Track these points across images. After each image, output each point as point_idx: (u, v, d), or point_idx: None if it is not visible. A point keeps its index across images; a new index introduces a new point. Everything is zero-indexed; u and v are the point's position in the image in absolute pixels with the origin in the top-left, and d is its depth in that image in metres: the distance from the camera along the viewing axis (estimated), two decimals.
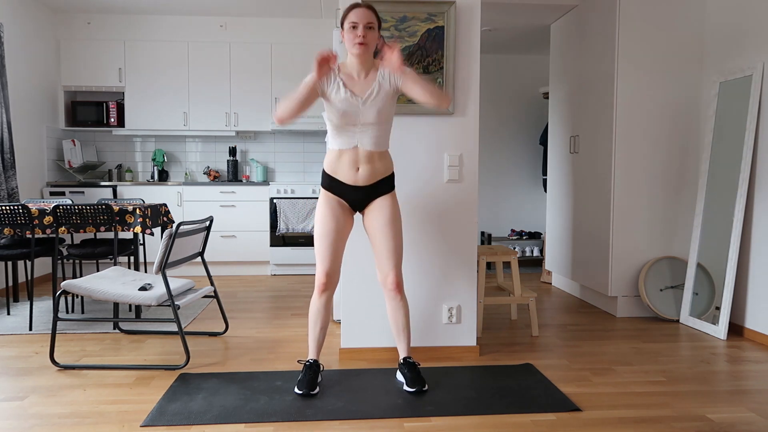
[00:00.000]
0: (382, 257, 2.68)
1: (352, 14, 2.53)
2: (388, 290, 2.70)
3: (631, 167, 4.05)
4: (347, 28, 2.54)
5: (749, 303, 3.59)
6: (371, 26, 2.53)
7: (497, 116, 6.61)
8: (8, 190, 4.79)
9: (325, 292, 2.68)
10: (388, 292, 2.70)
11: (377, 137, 2.61)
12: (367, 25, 2.51)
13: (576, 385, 2.74)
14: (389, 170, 2.68)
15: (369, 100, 2.57)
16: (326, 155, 2.67)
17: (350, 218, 2.71)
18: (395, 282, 2.68)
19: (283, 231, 5.70)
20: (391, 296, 2.71)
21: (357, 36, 2.50)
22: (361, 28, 2.50)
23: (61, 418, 2.36)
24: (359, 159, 2.59)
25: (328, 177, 2.65)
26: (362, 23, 2.50)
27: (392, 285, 2.68)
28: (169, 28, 5.92)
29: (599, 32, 4.23)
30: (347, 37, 2.55)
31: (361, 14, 2.51)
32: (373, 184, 2.64)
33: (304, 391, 2.58)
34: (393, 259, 2.67)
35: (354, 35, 2.52)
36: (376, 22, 2.56)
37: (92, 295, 2.99)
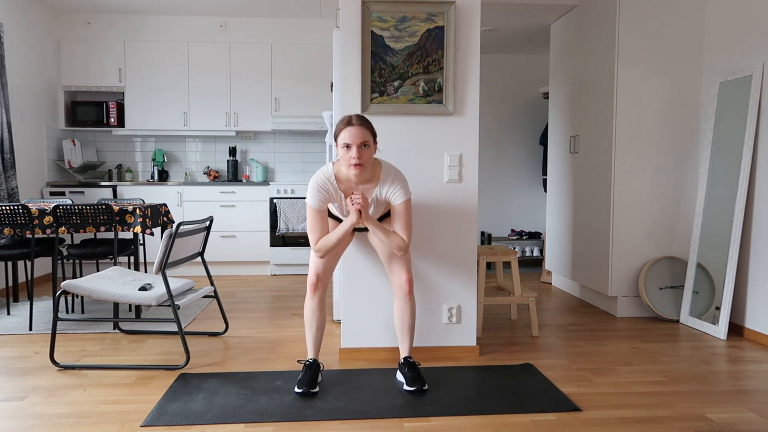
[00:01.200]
0: (396, 265, 2.73)
1: (345, 133, 2.47)
2: (402, 292, 2.73)
3: (631, 167, 4.05)
4: (341, 147, 2.50)
5: (749, 303, 3.59)
6: (367, 144, 2.48)
7: (497, 116, 6.61)
8: (8, 190, 4.79)
9: (316, 291, 2.72)
10: (402, 294, 2.74)
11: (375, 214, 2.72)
12: (361, 145, 2.46)
13: (576, 385, 2.74)
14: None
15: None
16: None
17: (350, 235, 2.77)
18: (410, 282, 2.72)
19: (283, 231, 5.70)
20: (401, 296, 2.74)
21: (352, 158, 2.46)
22: (355, 150, 2.45)
23: (61, 418, 2.36)
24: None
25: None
26: (356, 144, 2.45)
27: (408, 287, 2.72)
28: (169, 28, 5.92)
29: (599, 32, 4.23)
30: (341, 155, 2.51)
31: (355, 134, 2.45)
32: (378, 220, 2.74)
33: (304, 389, 2.58)
34: (406, 264, 2.73)
35: (349, 156, 2.47)
36: (372, 137, 2.51)
37: (92, 295, 2.99)
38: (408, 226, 2.62)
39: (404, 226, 2.62)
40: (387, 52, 3.02)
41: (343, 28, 3.01)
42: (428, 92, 3.06)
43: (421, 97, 3.06)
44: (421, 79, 3.05)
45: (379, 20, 3.00)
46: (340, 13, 3.04)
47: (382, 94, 3.04)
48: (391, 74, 3.03)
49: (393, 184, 2.60)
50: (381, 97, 3.04)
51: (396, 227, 2.63)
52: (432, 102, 3.06)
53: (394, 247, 2.60)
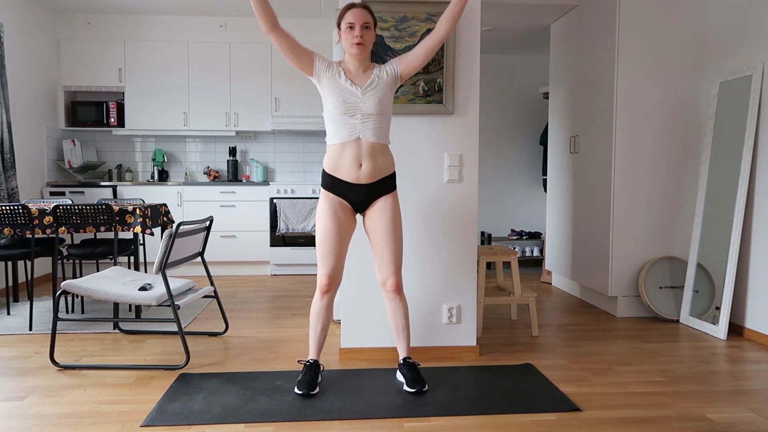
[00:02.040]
0: (383, 260, 2.68)
1: (349, 15, 2.55)
2: (388, 292, 2.70)
3: (631, 167, 4.05)
4: (344, 29, 2.57)
5: (749, 303, 3.59)
6: (368, 26, 2.56)
7: (497, 116, 6.61)
8: (8, 190, 4.79)
9: (327, 293, 2.67)
10: (388, 294, 2.71)
11: (379, 128, 2.60)
12: (363, 25, 2.54)
13: (576, 385, 2.74)
14: (391, 168, 2.68)
15: (369, 90, 2.58)
16: (327, 153, 2.66)
17: (353, 219, 2.70)
18: (395, 284, 2.68)
19: (283, 231, 5.70)
20: (390, 297, 2.71)
21: (354, 36, 2.53)
22: (358, 29, 2.53)
23: (61, 418, 2.36)
24: (362, 153, 2.58)
25: (329, 176, 2.63)
26: (359, 23, 2.53)
27: (392, 287, 2.68)
28: (169, 28, 5.92)
29: (599, 32, 4.23)
30: (344, 37, 2.58)
31: (358, 14, 2.54)
32: (376, 182, 2.63)
33: (304, 391, 2.58)
34: (394, 262, 2.68)
35: (351, 35, 2.54)
36: (373, 21, 2.59)
37: (92, 295, 2.99)
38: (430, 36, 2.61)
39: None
40: (387, 52, 3.02)
41: None
42: (428, 92, 3.06)
43: (421, 97, 3.06)
44: (421, 79, 3.05)
45: (379, 20, 3.00)
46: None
47: None
48: None
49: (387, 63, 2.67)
50: None
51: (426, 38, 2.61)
52: (432, 102, 3.06)
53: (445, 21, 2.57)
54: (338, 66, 2.63)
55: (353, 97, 2.56)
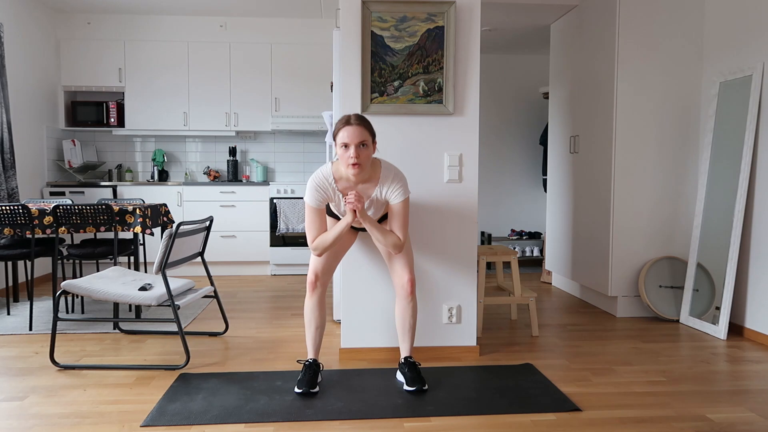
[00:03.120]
0: (398, 264, 2.73)
1: (343, 133, 2.47)
2: (404, 292, 2.74)
3: (631, 167, 4.05)
4: (339, 146, 2.50)
5: (749, 303, 3.59)
6: (365, 144, 2.49)
7: (497, 116, 6.61)
8: (8, 190, 4.79)
9: (315, 291, 2.72)
10: (404, 294, 2.74)
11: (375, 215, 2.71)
12: (359, 144, 2.47)
13: (576, 385, 2.74)
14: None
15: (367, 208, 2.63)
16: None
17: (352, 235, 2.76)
18: (411, 283, 2.72)
19: (283, 231, 5.70)
20: (403, 296, 2.74)
21: (350, 157, 2.46)
22: (353, 150, 2.46)
23: (61, 418, 2.36)
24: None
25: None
26: (354, 144, 2.46)
27: (409, 287, 2.72)
28: (169, 28, 5.92)
29: (599, 32, 4.23)
30: (340, 154, 2.51)
31: (353, 134, 2.46)
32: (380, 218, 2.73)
33: (304, 389, 2.58)
34: (408, 264, 2.73)
35: (347, 155, 2.47)
36: (370, 137, 2.52)
37: (92, 295, 2.99)
38: (405, 226, 2.63)
39: (401, 225, 2.62)
40: (387, 52, 3.02)
41: (343, 28, 3.01)
42: (428, 92, 3.06)
43: (421, 97, 3.06)
44: (421, 79, 3.05)
45: (379, 20, 3.00)
46: (340, 13, 3.04)
47: (382, 94, 3.04)
48: (391, 74, 3.03)
49: (393, 183, 2.60)
50: (381, 97, 3.04)
51: (393, 226, 2.64)
52: (432, 102, 3.06)
53: (390, 245, 2.61)
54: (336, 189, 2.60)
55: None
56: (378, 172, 2.60)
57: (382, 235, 2.59)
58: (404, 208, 2.61)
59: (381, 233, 2.59)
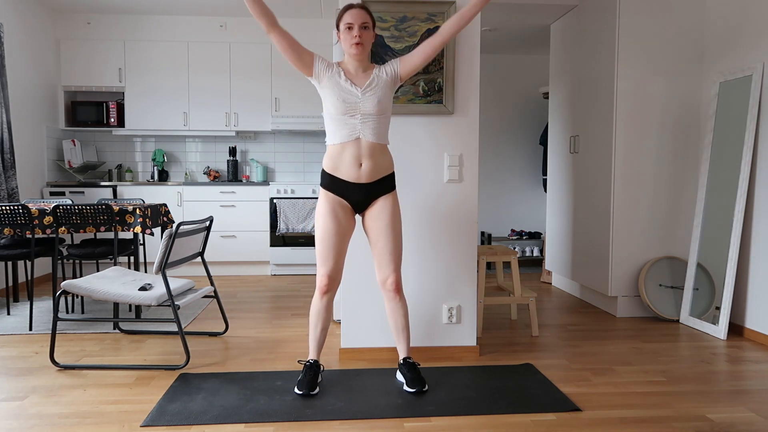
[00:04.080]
0: (383, 259, 2.68)
1: (347, 15, 2.56)
2: (387, 291, 2.70)
3: (631, 167, 4.05)
4: (343, 29, 2.58)
5: (749, 303, 3.59)
6: (366, 26, 2.57)
7: (497, 116, 6.61)
8: (8, 190, 4.79)
9: (326, 293, 2.67)
10: (388, 293, 2.71)
11: (378, 129, 2.61)
12: (362, 26, 2.55)
13: (576, 385, 2.74)
14: (390, 168, 2.68)
15: (368, 90, 2.59)
16: (326, 153, 2.66)
17: (352, 219, 2.70)
18: (395, 284, 2.68)
19: (283, 231, 5.70)
20: (390, 297, 2.71)
21: (353, 37, 2.54)
22: (356, 29, 2.54)
23: (61, 418, 2.36)
24: (362, 153, 2.58)
25: (329, 176, 2.63)
26: (357, 24, 2.54)
27: (392, 287, 2.68)
28: (169, 28, 5.92)
29: (599, 32, 4.23)
30: (344, 37, 2.59)
31: (356, 15, 2.55)
32: (375, 182, 2.63)
33: (304, 391, 2.58)
34: (394, 261, 2.68)
35: (350, 36, 2.55)
36: (371, 21, 2.60)
37: (92, 295, 2.99)
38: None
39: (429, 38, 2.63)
40: (387, 52, 3.02)
41: None
42: (428, 92, 3.06)
43: (421, 97, 3.06)
44: (421, 79, 3.05)
45: (379, 20, 3.00)
46: None
47: None
48: None
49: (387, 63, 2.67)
50: None
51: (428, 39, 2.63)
52: (432, 102, 3.06)
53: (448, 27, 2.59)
54: (338, 66, 2.64)
55: (353, 97, 2.57)
56: (373, 65, 2.69)
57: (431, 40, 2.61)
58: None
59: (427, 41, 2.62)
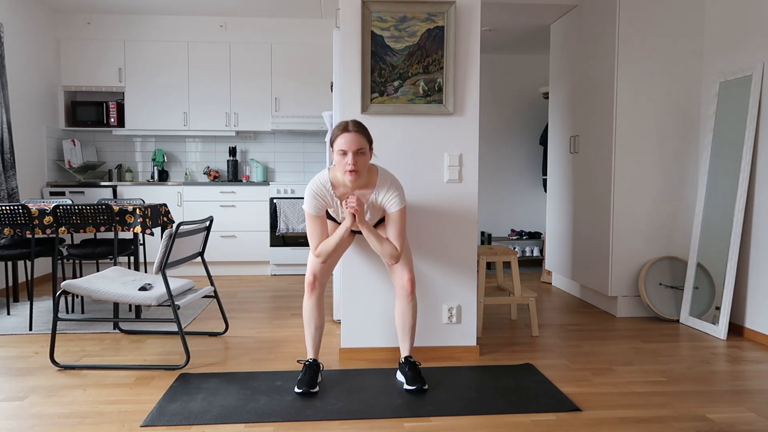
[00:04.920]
0: (397, 265, 2.73)
1: (341, 140, 2.48)
2: (404, 292, 2.74)
3: (631, 167, 4.05)
4: (337, 152, 2.51)
5: (749, 303, 3.59)
6: (362, 152, 2.50)
7: (497, 116, 6.61)
8: (8, 190, 4.79)
9: (314, 291, 2.72)
10: (404, 293, 2.74)
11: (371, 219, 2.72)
12: (357, 152, 2.48)
13: (576, 385, 2.74)
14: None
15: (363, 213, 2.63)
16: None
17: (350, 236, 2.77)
18: (411, 283, 2.73)
19: (283, 231, 5.70)
20: (403, 296, 2.75)
21: (347, 164, 2.48)
22: (350, 156, 2.47)
23: (61, 418, 2.36)
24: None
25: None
26: (351, 151, 2.47)
27: (410, 286, 2.73)
28: (169, 28, 5.92)
29: (599, 32, 4.23)
30: (337, 160, 2.52)
31: (350, 141, 2.47)
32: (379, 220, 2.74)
33: (304, 389, 2.59)
34: (407, 264, 2.73)
35: (344, 162, 2.49)
36: (367, 144, 2.53)
37: (92, 295, 2.99)
38: (401, 235, 2.64)
39: (398, 234, 2.63)
40: (387, 52, 3.02)
41: (343, 28, 3.01)
42: (428, 92, 3.06)
43: (421, 97, 3.06)
44: (421, 79, 3.05)
45: (379, 20, 3.00)
46: (340, 13, 3.04)
47: (382, 94, 3.04)
48: (391, 74, 3.03)
49: (389, 192, 2.61)
50: (381, 97, 3.04)
51: (390, 235, 2.65)
52: (432, 102, 3.06)
53: (387, 255, 2.62)
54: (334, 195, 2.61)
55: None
56: (374, 178, 2.62)
57: (380, 243, 2.61)
58: (401, 218, 2.62)
59: (378, 241, 2.61)
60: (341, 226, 2.60)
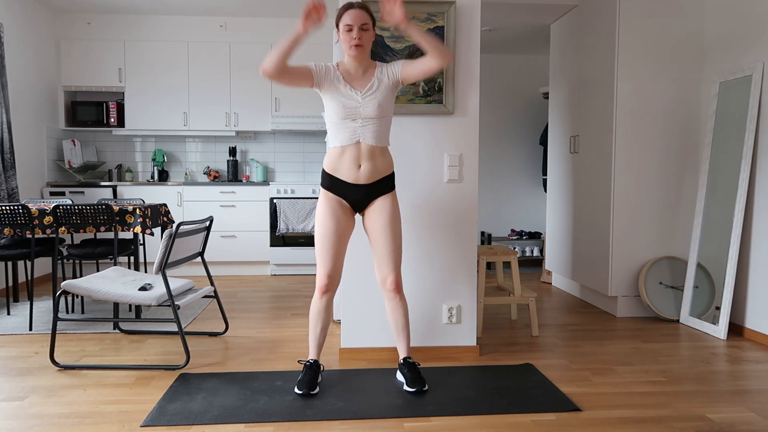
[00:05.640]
0: (382, 259, 2.68)
1: (346, 16, 2.53)
2: (387, 291, 2.70)
3: (631, 167, 4.05)
4: (342, 30, 2.55)
5: (749, 303, 3.59)
6: (366, 27, 2.54)
7: (497, 116, 6.61)
8: (8, 190, 4.79)
9: (326, 293, 2.67)
10: (388, 293, 2.71)
11: (378, 132, 2.60)
12: (362, 27, 2.52)
13: (576, 385, 2.74)
14: (390, 168, 2.68)
15: (369, 94, 2.58)
16: (327, 154, 2.66)
17: (351, 219, 2.70)
18: (395, 283, 2.68)
19: (283, 231, 5.70)
20: (390, 296, 2.71)
21: (353, 38, 2.52)
22: (356, 30, 2.51)
23: (61, 418, 2.36)
24: (361, 155, 2.59)
25: (329, 176, 2.64)
26: (357, 25, 2.51)
27: (392, 286, 2.68)
28: (169, 28, 5.92)
29: (599, 32, 4.23)
30: (343, 38, 2.56)
31: (356, 16, 2.51)
32: (375, 182, 2.63)
33: (304, 391, 2.58)
34: (393, 260, 2.67)
35: (350, 37, 2.53)
36: (371, 21, 2.57)
37: (92, 295, 2.99)
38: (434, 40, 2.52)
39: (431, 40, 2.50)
40: (387, 52, 3.02)
41: None
42: (428, 92, 3.06)
43: (421, 97, 3.06)
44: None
45: (379, 20, 3.00)
46: None
47: None
48: None
49: (390, 64, 2.65)
50: None
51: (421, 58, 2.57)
52: (432, 102, 3.06)
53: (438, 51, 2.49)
54: (336, 70, 2.61)
55: (353, 101, 2.56)
56: (374, 63, 2.65)
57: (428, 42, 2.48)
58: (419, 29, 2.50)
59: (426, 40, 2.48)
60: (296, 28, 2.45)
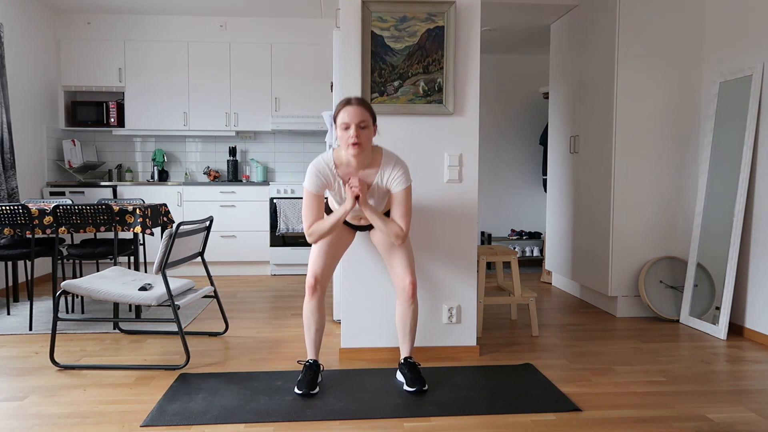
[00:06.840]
0: (398, 266, 2.70)
1: (344, 113, 2.44)
2: (405, 295, 2.71)
3: (631, 167, 4.05)
4: (339, 127, 2.46)
5: (749, 303, 3.59)
6: (365, 125, 2.44)
7: (497, 116, 6.61)
8: (8, 190, 4.79)
9: (315, 293, 2.69)
10: (405, 296, 2.71)
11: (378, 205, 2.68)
12: (359, 125, 2.43)
13: (576, 385, 2.74)
14: None
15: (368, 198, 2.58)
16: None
17: (351, 234, 2.74)
18: (412, 286, 2.70)
19: (283, 231, 5.70)
20: (404, 298, 2.72)
21: (350, 137, 2.43)
22: (353, 129, 2.42)
23: (61, 418, 2.36)
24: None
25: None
26: (354, 123, 2.42)
27: (411, 290, 2.70)
28: (169, 28, 5.92)
29: (599, 32, 4.23)
30: (340, 135, 2.47)
31: (353, 113, 2.42)
32: None
33: (304, 390, 2.58)
34: (409, 266, 2.70)
35: (347, 136, 2.44)
36: (371, 118, 2.48)
37: (92, 295, 2.99)
38: (407, 214, 2.56)
39: (403, 213, 2.55)
40: (387, 52, 3.02)
41: (343, 28, 3.01)
42: (428, 92, 3.06)
43: (421, 97, 3.06)
44: (421, 79, 3.05)
45: (379, 20, 3.00)
46: (340, 13, 3.04)
47: (382, 94, 3.04)
48: (391, 74, 3.03)
49: (394, 170, 2.55)
50: (381, 97, 3.04)
51: (395, 215, 2.57)
52: (432, 102, 3.06)
53: (392, 235, 2.54)
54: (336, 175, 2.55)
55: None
56: (379, 158, 2.56)
57: (384, 224, 2.53)
58: (406, 197, 2.55)
59: (382, 222, 2.52)
60: (341, 207, 2.52)
